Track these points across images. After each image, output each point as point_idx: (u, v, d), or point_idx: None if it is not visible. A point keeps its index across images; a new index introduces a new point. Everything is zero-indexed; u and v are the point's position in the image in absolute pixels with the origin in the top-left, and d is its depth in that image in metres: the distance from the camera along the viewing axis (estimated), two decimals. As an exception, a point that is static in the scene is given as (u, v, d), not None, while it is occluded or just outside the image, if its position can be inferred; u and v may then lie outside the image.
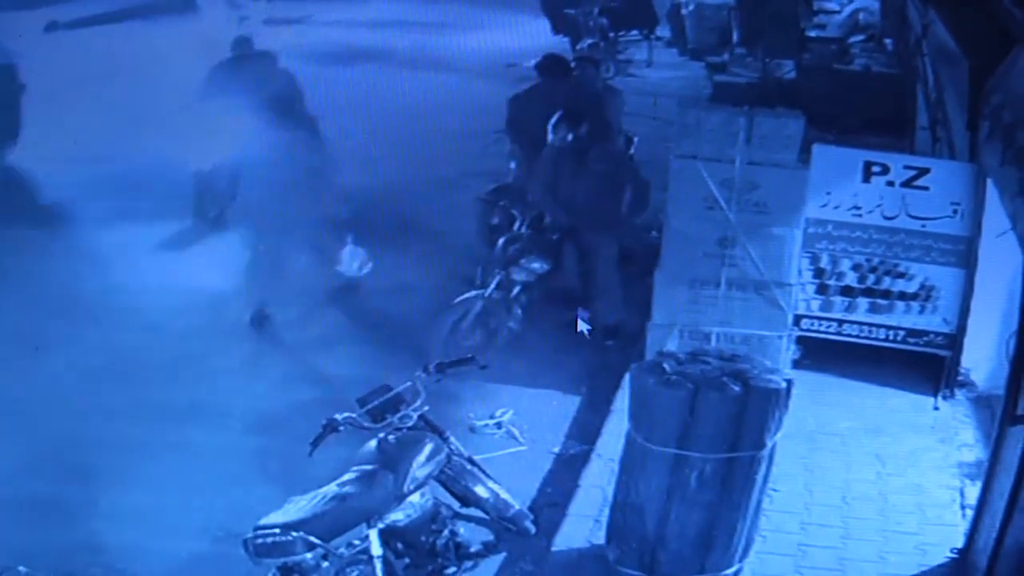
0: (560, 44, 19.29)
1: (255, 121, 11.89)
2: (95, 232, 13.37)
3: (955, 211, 10.15)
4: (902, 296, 10.39)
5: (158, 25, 23.20)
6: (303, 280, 12.28)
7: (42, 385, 10.38)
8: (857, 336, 10.57)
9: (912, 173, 10.21)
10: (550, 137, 11.34)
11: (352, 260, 12.36)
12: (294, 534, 6.70)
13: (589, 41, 19.41)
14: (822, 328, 10.61)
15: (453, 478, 7.72)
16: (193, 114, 13.18)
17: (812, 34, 20.47)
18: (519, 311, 11.13)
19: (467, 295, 10.96)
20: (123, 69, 19.91)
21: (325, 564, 6.88)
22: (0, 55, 17.17)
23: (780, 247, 10.21)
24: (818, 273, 10.49)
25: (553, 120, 11.34)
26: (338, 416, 7.28)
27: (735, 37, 20.72)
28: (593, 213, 11.15)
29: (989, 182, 9.60)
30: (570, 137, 11.22)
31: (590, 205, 11.14)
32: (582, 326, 11.31)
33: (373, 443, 7.40)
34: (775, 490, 8.39)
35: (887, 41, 19.46)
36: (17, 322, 11.58)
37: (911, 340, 10.46)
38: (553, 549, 8.27)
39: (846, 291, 10.49)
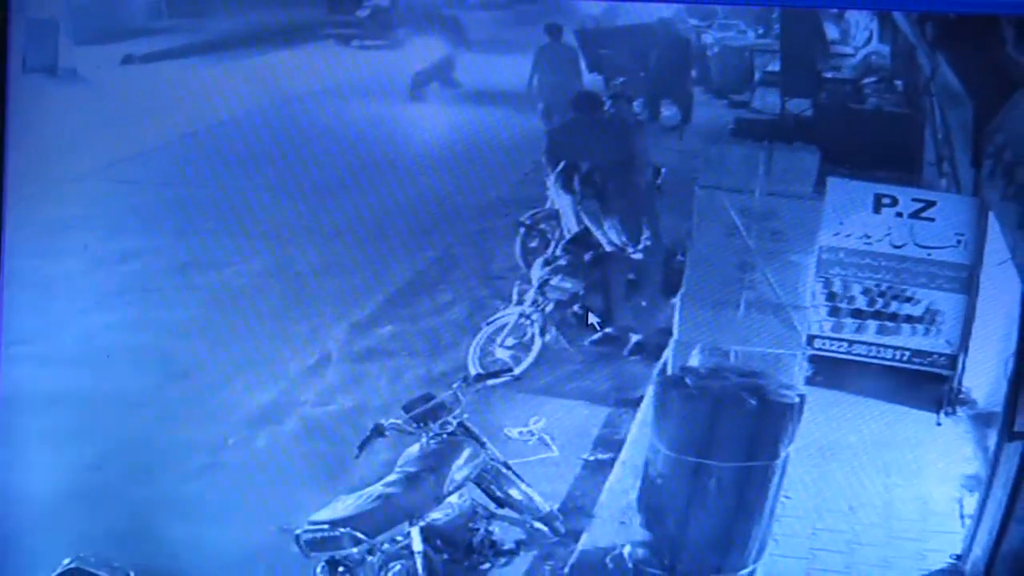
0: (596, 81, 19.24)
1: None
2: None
3: (959, 241, 10.11)
4: (908, 319, 10.35)
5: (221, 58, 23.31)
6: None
7: (107, 387, 10.46)
8: (866, 356, 10.53)
9: (919, 205, 10.19)
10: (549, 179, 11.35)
11: None
12: (342, 530, 6.80)
13: (622, 79, 19.35)
14: (833, 348, 10.57)
15: (489, 481, 7.79)
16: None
17: (828, 75, 20.38)
18: (552, 328, 11.15)
19: (504, 312, 10.99)
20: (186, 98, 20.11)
21: (371, 558, 6.95)
22: None
23: (796, 272, 10.20)
24: (831, 297, 10.46)
25: (558, 169, 11.33)
26: (384, 421, 7.35)
27: (756, 77, 20.64)
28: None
29: (991, 215, 9.59)
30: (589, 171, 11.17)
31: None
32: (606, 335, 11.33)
33: (416, 447, 7.48)
34: (788, 497, 8.39)
35: (897, 82, 19.35)
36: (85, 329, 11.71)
37: (916, 360, 10.41)
38: (580, 548, 8.30)
39: (856, 314, 10.45)
